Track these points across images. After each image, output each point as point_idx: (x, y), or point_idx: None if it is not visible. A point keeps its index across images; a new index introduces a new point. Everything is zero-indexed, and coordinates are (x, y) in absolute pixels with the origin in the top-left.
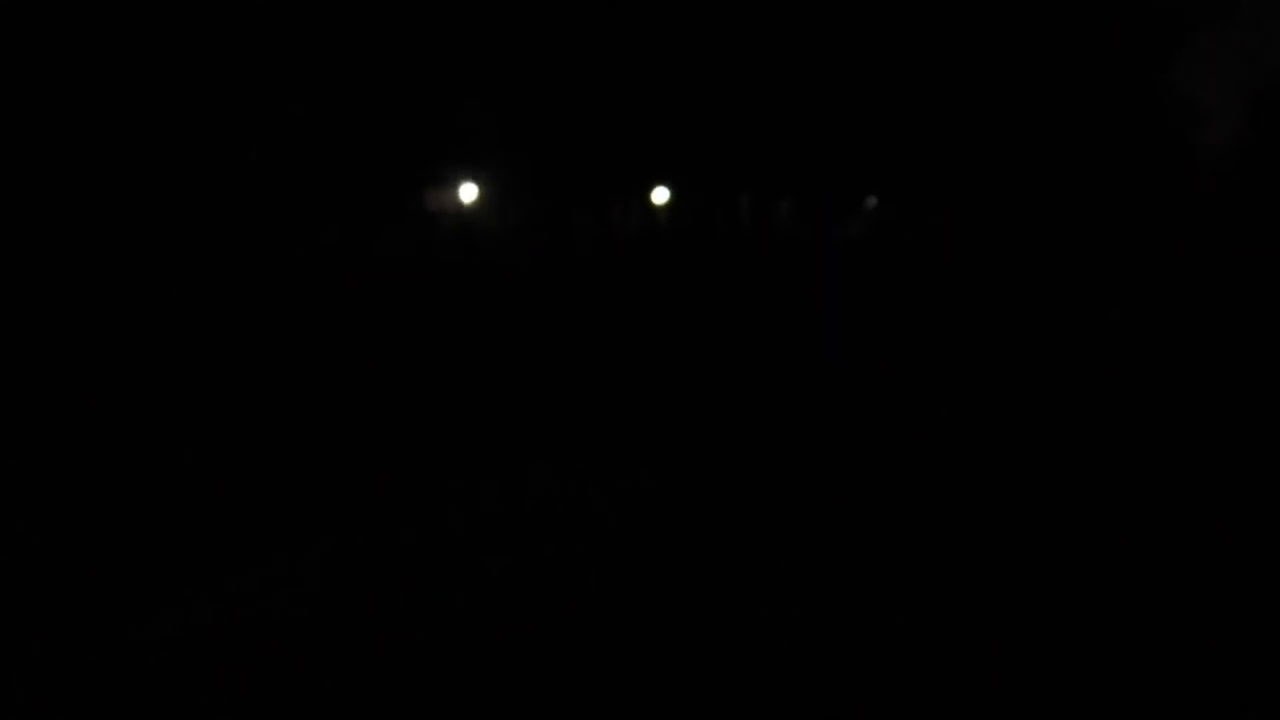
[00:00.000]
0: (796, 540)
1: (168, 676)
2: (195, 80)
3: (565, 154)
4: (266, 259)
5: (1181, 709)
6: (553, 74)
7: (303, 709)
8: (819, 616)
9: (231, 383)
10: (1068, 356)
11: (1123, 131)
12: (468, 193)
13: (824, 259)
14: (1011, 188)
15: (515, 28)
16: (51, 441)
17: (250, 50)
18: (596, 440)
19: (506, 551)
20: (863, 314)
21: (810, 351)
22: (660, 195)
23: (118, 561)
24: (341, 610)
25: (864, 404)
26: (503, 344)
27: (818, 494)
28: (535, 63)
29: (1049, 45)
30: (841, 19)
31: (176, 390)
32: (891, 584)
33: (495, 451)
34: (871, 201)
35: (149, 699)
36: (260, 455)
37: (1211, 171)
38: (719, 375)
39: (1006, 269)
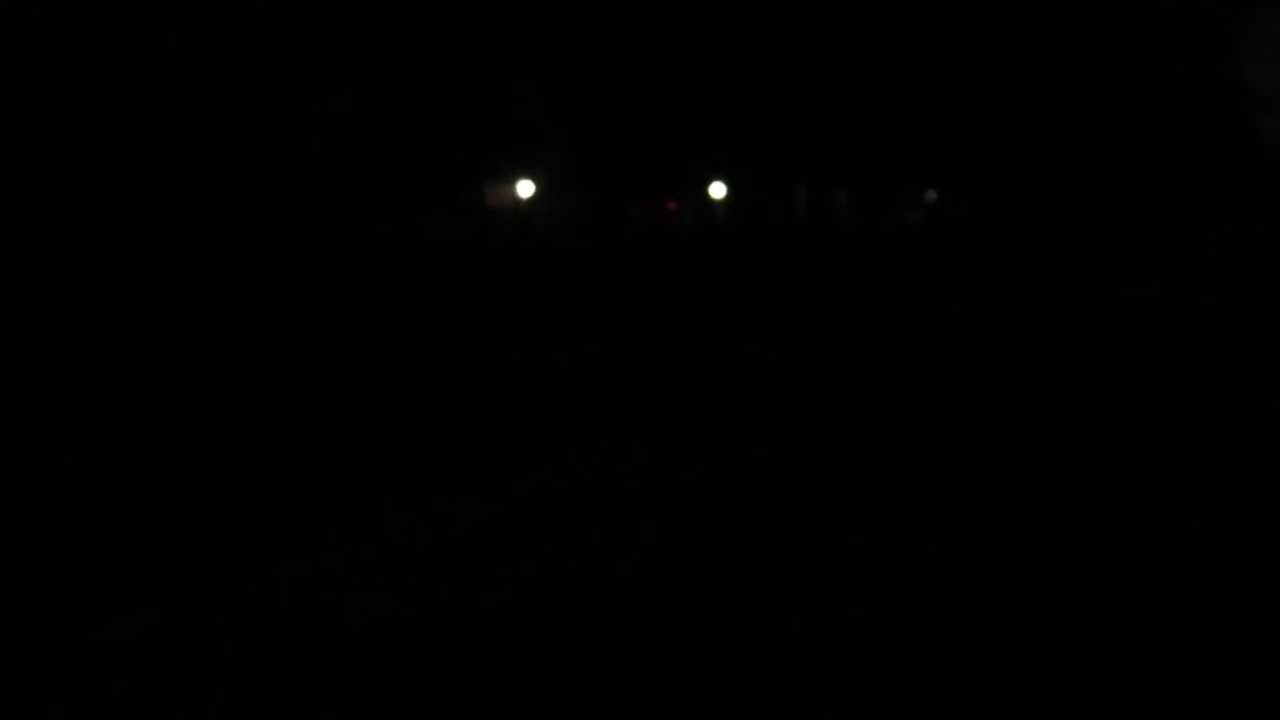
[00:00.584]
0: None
1: (162, 676)
2: (274, 73)
3: (623, 149)
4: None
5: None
6: (612, 69)
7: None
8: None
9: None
10: (1122, 348)
11: (1188, 119)
12: (525, 188)
13: (831, 258)
14: (1073, 177)
15: (575, 24)
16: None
17: (324, 47)
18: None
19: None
20: (894, 305)
21: (827, 350)
22: (717, 190)
23: (103, 561)
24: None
25: (866, 407)
26: (549, 335)
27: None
28: (594, 58)
29: (1113, 34)
30: (901, 11)
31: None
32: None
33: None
34: (931, 194)
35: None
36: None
37: (1277, 157)
38: (751, 370)
39: (1064, 257)
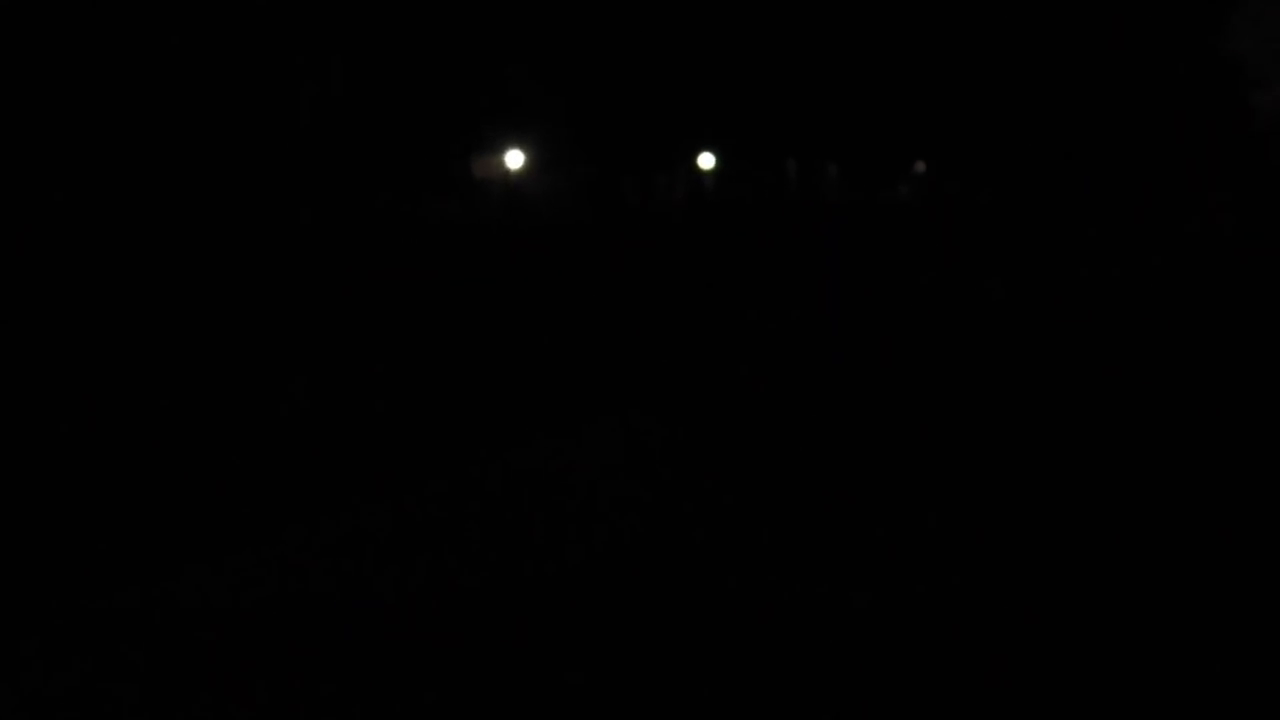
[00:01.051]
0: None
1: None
2: (251, 46)
3: (612, 121)
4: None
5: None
6: (601, 39)
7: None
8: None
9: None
10: (1113, 331)
11: (1181, 95)
12: (514, 159)
13: (827, 245)
14: (1063, 152)
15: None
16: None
17: (306, 20)
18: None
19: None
20: (890, 290)
21: (821, 341)
22: (707, 161)
23: (100, 541)
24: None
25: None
26: (536, 313)
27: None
28: (584, 29)
29: (1105, 9)
30: None
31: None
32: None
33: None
34: (920, 166)
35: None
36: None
37: (1270, 133)
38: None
39: (1058, 237)
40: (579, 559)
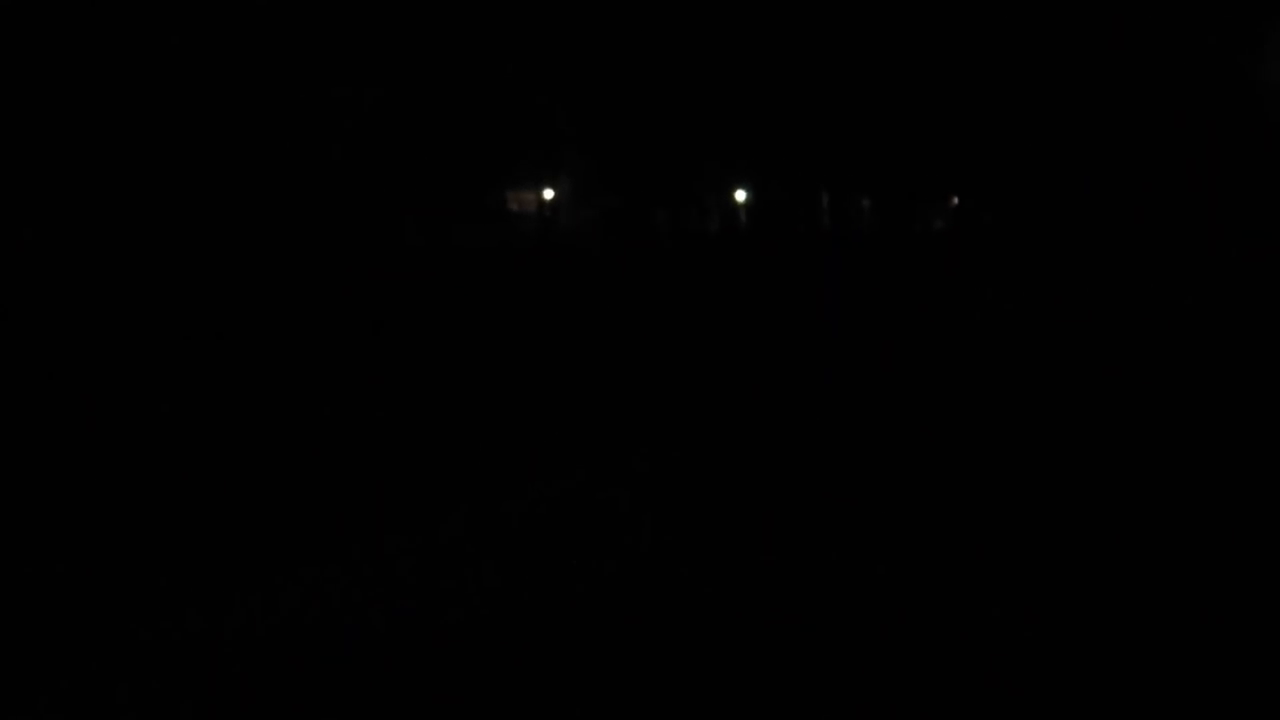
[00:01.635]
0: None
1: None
2: (295, 77)
3: (646, 154)
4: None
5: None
6: (636, 75)
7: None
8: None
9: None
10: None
11: (1210, 119)
12: (548, 194)
13: (829, 267)
14: (1094, 180)
15: (600, 29)
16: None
17: (347, 52)
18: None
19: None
20: (903, 314)
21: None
22: (741, 196)
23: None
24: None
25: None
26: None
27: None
28: (619, 63)
29: (1134, 32)
30: (924, 20)
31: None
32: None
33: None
34: (954, 200)
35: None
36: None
37: None
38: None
39: (1085, 264)
40: (617, 585)
